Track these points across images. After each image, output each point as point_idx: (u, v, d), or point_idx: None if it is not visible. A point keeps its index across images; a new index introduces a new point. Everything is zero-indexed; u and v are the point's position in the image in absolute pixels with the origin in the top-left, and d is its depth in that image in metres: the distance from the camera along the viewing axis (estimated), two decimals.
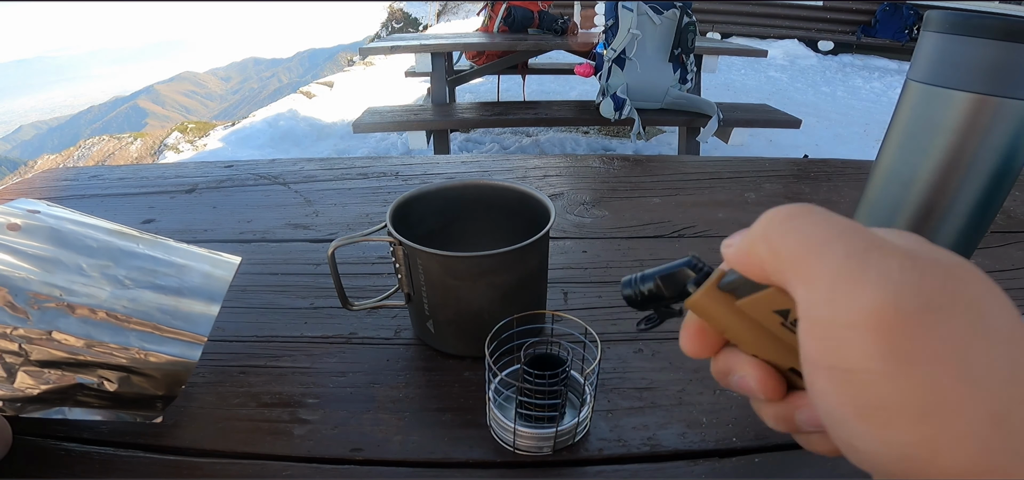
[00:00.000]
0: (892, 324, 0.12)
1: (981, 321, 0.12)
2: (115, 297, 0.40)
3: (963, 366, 0.12)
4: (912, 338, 0.12)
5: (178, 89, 60.90)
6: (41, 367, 0.37)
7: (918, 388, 0.12)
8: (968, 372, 0.12)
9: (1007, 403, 0.12)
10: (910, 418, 0.12)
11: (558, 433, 0.37)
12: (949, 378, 0.12)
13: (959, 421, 0.12)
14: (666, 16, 2.41)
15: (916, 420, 0.12)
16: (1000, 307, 0.13)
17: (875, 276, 0.13)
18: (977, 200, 0.41)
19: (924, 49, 0.41)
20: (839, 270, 0.13)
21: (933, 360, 0.12)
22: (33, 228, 0.42)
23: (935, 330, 0.12)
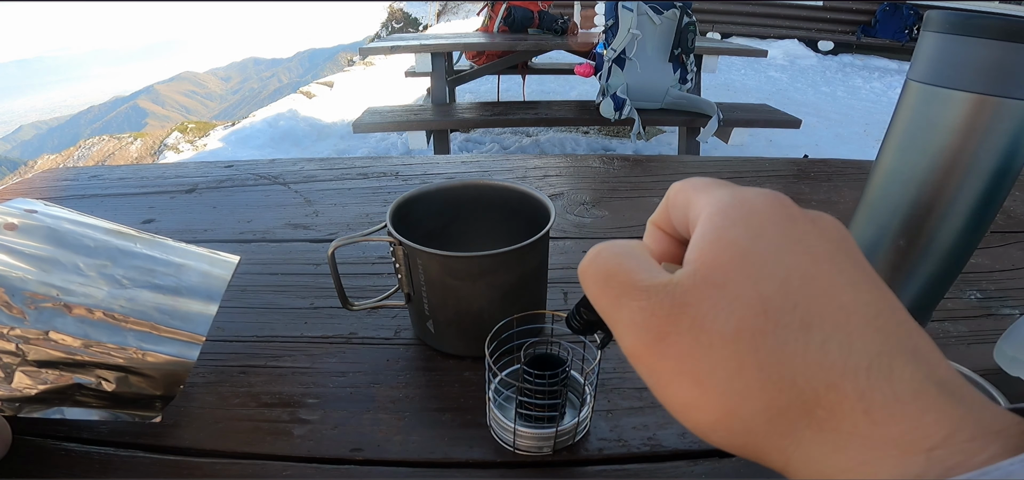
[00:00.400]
0: (640, 357, 0.16)
1: (703, 334, 0.15)
2: (113, 297, 0.40)
3: (691, 375, 0.15)
4: (654, 361, 0.16)
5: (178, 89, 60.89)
6: (39, 367, 0.37)
7: (672, 396, 0.16)
8: (696, 380, 0.15)
9: (733, 397, 0.15)
10: (679, 414, 0.16)
11: (558, 433, 0.37)
12: (680, 383, 0.15)
13: (701, 416, 0.15)
14: (666, 16, 2.41)
15: (682, 416, 0.16)
16: (726, 315, 0.15)
17: (625, 321, 0.17)
18: (977, 200, 0.41)
19: (924, 49, 0.41)
20: (610, 321, 0.17)
21: (668, 373, 0.16)
22: (30, 228, 0.42)
23: (666, 353, 0.16)
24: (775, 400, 0.14)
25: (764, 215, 0.16)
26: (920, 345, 0.15)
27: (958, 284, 0.56)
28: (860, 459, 0.13)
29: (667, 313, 0.16)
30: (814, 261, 0.16)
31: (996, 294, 0.57)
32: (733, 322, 0.15)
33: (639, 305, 0.16)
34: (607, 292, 0.17)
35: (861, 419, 0.13)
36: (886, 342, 0.14)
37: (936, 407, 0.13)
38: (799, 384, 0.14)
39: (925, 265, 0.45)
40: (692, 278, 0.16)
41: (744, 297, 0.15)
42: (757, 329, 0.15)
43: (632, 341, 0.16)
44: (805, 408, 0.14)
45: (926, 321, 0.50)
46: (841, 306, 0.15)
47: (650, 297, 0.16)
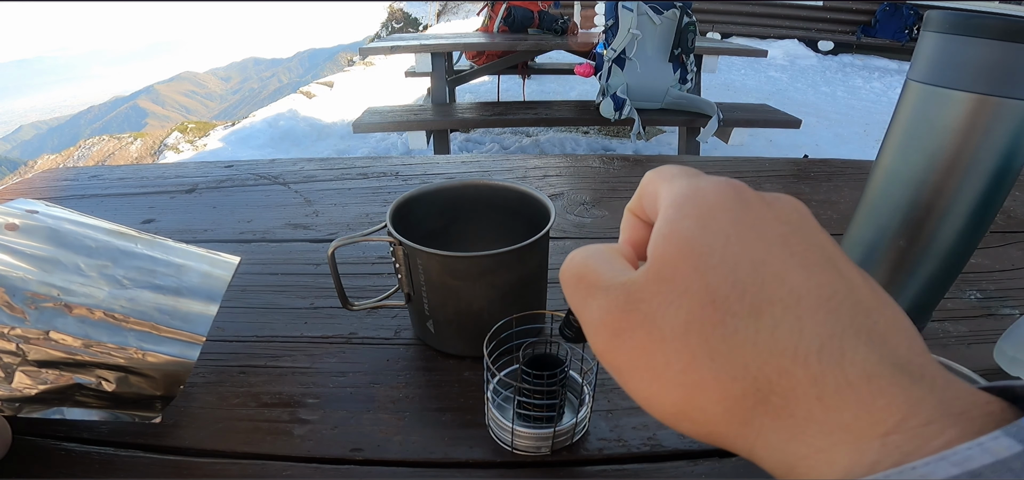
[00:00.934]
0: (602, 353, 0.17)
1: (655, 329, 0.15)
2: (113, 297, 0.40)
3: (648, 370, 0.16)
4: (613, 357, 0.16)
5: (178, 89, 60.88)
6: (39, 367, 0.37)
7: (634, 390, 0.16)
8: (653, 374, 0.15)
9: (688, 390, 0.15)
10: (642, 404, 0.17)
11: (556, 433, 0.37)
12: (640, 377, 0.16)
13: (661, 407, 0.16)
14: (666, 16, 2.40)
15: (646, 406, 0.16)
16: (676, 308, 0.15)
17: (587, 320, 0.17)
18: (977, 200, 0.41)
19: (924, 49, 0.41)
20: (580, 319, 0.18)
21: (628, 368, 0.16)
22: (31, 228, 0.42)
23: (623, 350, 0.16)
24: (729, 389, 0.14)
25: (715, 204, 0.16)
26: (878, 324, 0.14)
27: (958, 284, 0.56)
28: (817, 446, 0.13)
29: (622, 310, 0.16)
30: (766, 246, 0.15)
31: (996, 294, 0.57)
32: (682, 315, 0.15)
33: (598, 303, 0.17)
34: (577, 293, 0.18)
35: (815, 405, 0.13)
36: (838, 323, 0.14)
37: (890, 390, 0.13)
38: (751, 372, 0.14)
39: (925, 265, 0.45)
40: (646, 275, 0.16)
41: (692, 289, 0.15)
42: (706, 320, 0.15)
43: (594, 338, 0.17)
44: (760, 396, 0.14)
45: (926, 321, 0.50)
46: (791, 290, 0.14)
47: (609, 295, 0.17)
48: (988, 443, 0.11)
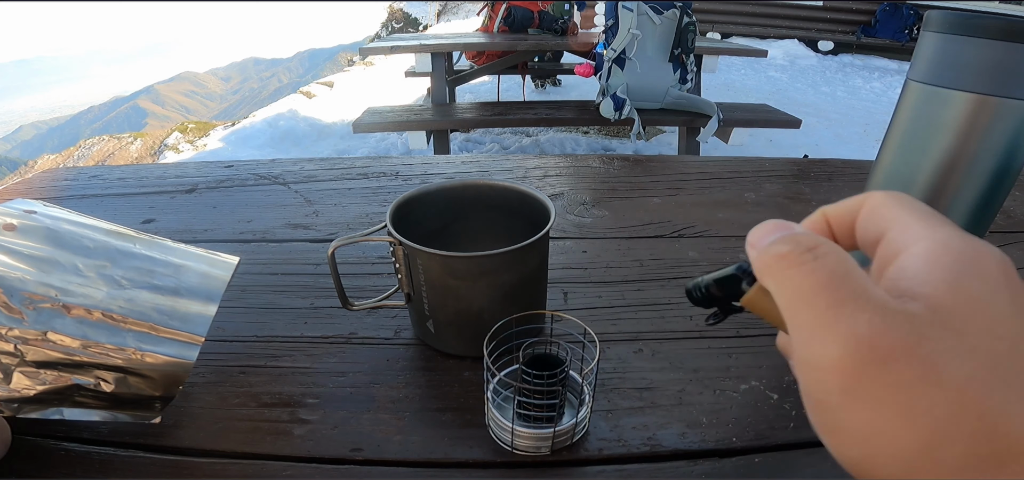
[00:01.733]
0: (849, 372, 0.15)
1: (933, 372, 0.15)
2: (111, 297, 0.40)
3: (904, 406, 0.15)
4: (864, 383, 0.15)
5: (178, 89, 60.88)
6: (37, 368, 0.37)
7: (864, 421, 0.16)
8: (908, 412, 0.15)
9: (939, 437, 0.15)
10: (857, 440, 0.16)
11: (556, 433, 0.37)
12: (891, 414, 0.15)
13: (892, 446, 0.15)
14: (666, 16, 2.41)
15: (861, 442, 0.16)
16: (961, 361, 0.15)
17: (844, 331, 0.16)
18: (977, 200, 0.41)
19: (924, 49, 0.41)
20: (816, 323, 0.16)
21: (879, 401, 0.15)
22: (29, 228, 0.42)
23: (885, 378, 0.15)
24: (980, 448, 0.15)
25: (998, 275, 0.16)
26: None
27: None
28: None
29: (902, 338, 0.15)
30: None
31: None
32: (966, 369, 0.15)
33: (869, 319, 0.15)
34: (829, 294, 0.16)
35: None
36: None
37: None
38: (1012, 438, 0.14)
39: None
40: (931, 314, 0.16)
41: (981, 349, 0.15)
42: (986, 381, 0.15)
43: (844, 354, 0.16)
44: (1001, 460, 0.14)
45: None
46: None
47: (885, 317, 0.15)
48: None
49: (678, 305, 0.54)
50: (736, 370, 0.46)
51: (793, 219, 0.21)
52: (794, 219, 0.21)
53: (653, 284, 0.57)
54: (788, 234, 0.18)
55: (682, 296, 0.55)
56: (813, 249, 0.17)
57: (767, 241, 0.19)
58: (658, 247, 0.65)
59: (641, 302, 0.54)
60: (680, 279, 0.58)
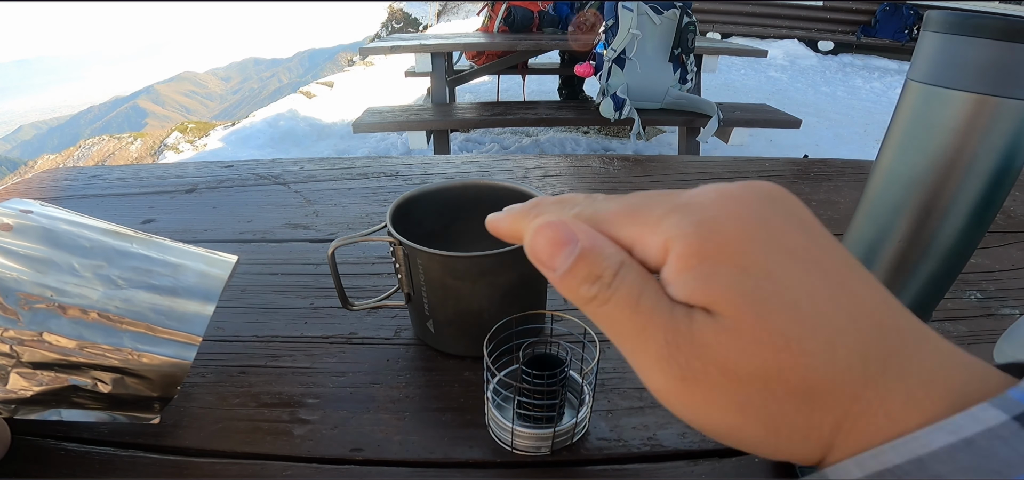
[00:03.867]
0: (665, 392, 0.17)
1: (732, 374, 0.16)
2: (108, 297, 0.40)
3: (727, 404, 0.16)
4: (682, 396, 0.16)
5: (178, 89, 60.89)
6: (34, 369, 0.37)
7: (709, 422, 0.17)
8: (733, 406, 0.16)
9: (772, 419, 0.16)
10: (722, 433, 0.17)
11: (556, 433, 0.37)
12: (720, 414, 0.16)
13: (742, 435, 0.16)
14: (666, 16, 2.40)
15: (724, 435, 0.17)
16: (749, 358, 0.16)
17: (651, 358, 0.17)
18: (977, 200, 0.41)
19: (924, 49, 0.41)
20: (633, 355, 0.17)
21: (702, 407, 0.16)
22: (25, 228, 0.42)
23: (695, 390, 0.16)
24: (810, 419, 0.15)
25: (743, 235, 0.16)
26: (910, 324, 0.16)
27: (958, 284, 0.56)
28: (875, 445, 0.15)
29: (692, 355, 0.16)
30: (807, 272, 0.16)
31: (996, 294, 0.57)
32: (758, 362, 0.15)
33: (664, 340, 0.16)
34: (630, 325, 0.17)
35: (883, 420, 0.15)
36: (888, 339, 0.15)
37: (945, 392, 0.14)
38: (829, 403, 0.15)
39: (925, 265, 0.45)
40: (711, 324, 0.16)
41: (763, 339, 0.15)
42: (781, 366, 0.15)
43: (653, 374, 0.17)
44: (838, 425, 0.15)
45: (926, 321, 0.50)
46: (848, 315, 0.15)
47: (678, 335, 0.16)
48: (978, 413, 0.13)
49: None
50: None
51: None
52: None
53: None
54: (580, 261, 0.17)
55: None
56: (610, 283, 0.17)
57: (561, 270, 0.18)
58: None
59: None
60: None
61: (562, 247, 0.18)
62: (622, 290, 0.17)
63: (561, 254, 0.18)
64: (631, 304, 0.17)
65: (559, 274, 0.18)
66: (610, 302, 0.17)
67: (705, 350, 0.16)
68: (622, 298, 0.17)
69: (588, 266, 0.17)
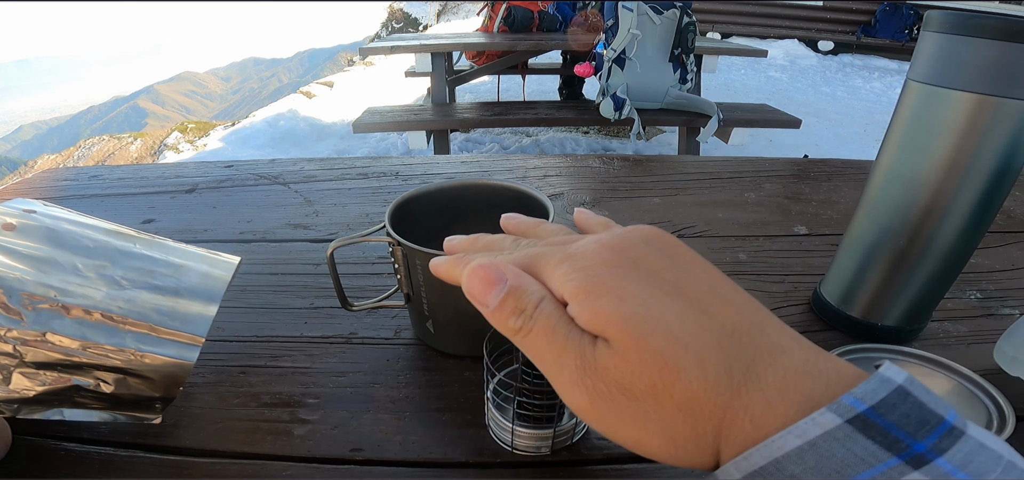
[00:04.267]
0: (582, 409, 0.19)
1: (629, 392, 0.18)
2: (111, 298, 0.40)
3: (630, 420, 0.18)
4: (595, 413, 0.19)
5: (178, 89, 60.89)
6: (37, 369, 0.37)
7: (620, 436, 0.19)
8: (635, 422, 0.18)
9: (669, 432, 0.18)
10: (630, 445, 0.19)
11: (556, 433, 0.37)
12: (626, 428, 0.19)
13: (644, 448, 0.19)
14: (666, 16, 2.40)
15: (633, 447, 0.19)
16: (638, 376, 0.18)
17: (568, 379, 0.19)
18: (977, 200, 0.41)
19: (924, 49, 0.41)
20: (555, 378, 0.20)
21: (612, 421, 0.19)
22: (29, 228, 0.42)
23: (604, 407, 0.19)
24: (696, 429, 0.17)
25: (615, 271, 0.19)
26: (769, 336, 0.18)
27: (958, 284, 0.56)
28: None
29: (597, 378, 0.18)
30: (674, 300, 0.19)
31: (996, 294, 0.57)
32: (646, 380, 0.17)
33: (577, 365, 0.19)
34: (550, 352, 0.19)
35: (749, 427, 0.16)
36: (747, 352, 0.17)
37: (796, 394, 0.16)
38: (707, 413, 0.17)
39: (925, 265, 0.45)
40: (607, 351, 0.18)
41: (646, 359, 0.18)
42: (664, 382, 0.17)
43: (571, 393, 0.19)
44: (717, 432, 0.17)
45: (926, 321, 0.50)
46: (715, 337, 0.18)
47: (582, 361, 0.19)
48: (817, 417, 0.15)
49: None
50: None
51: (794, 219, 0.21)
52: (794, 220, 0.21)
53: None
54: (508, 296, 0.21)
55: None
56: (532, 315, 0.20)
57: (492, 304, 0.21)
58: None
59: None
60: None
61: (492, 286, 0.21)
62: (540, 321, 0.20)
63: (492, 291, 0.21)
64: (548, 334, 0.19)
65: (491, 309, 0.21)
66: (532, 332, 0.20)
67: (605, 373, 0.18)
68: (541, 328, 0.20)
69: (514, 300, 0.20)
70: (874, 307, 0.48)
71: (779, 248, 0.64)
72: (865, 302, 0.49)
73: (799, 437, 0.15)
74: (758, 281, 0.58)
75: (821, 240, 0.66)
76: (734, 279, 0.20)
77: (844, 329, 0.50)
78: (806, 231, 0.68)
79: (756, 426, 0.16)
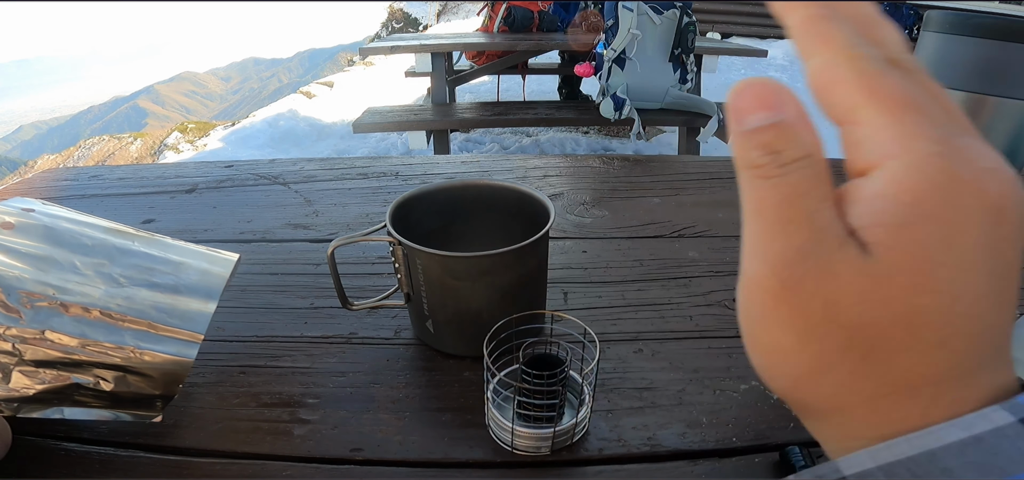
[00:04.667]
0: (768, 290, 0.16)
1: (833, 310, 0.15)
2: (110, 295, 0.40)
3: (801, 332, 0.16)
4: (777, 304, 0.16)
5: (178, 89, 60.92)
6: (36, 367, 0.37)
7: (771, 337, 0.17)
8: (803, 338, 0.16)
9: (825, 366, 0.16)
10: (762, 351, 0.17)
11: (556, 433, 0.37)
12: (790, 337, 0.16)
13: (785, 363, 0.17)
14: (666, 16, 2.41)
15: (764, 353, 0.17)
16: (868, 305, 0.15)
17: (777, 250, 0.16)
18: None
19: (924, 49, 0.41)
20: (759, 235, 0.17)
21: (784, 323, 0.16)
22: (27, 226, 0.42)
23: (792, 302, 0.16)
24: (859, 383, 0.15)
25: (972, 221, 0.15)
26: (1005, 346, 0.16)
27: None
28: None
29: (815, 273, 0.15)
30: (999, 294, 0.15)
31: None
32: (880, 316, 0.15)
33: (799, 246, 0.15)
34: (780, 211, 0.16)
35: (918, 419, 0.15)
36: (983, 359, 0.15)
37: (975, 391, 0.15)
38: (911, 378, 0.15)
39: None
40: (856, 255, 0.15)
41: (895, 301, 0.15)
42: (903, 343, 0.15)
43: (769, 273, 0.16)
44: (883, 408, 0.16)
45: None
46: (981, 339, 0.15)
47: (815, 247, 0.15)
48: (989, 414, 0.14)
49: (678, 305, 0.54)
50: (736, 370, 0.46)
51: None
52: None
53: (653, 284, 0.57)
54: (771, 130, 0.16)
55: (682, 296, 0.55)
56: (786, 165, 0.16)
57: (748, 124, 0.16)
58: (658, 247, 0.65)
59: (641, 302, 0.54)
60: (680, 279, 0.58)
61: (764, 108, 0.16)
62: (791, 177, 0.16)
63: (756, 115, 0.16)
64: (789, 196, 0.16)
65: (743, 129, 0.16)
66: (769, 180, 0.16)
67: (831, 279, 0.15)
68: (784, 184, 0.16)
69: (774, 137, 0.16)
70: None
71: None
72: None
73: (965, 430, 0.14)
74: None
75: None
76: (734, 279, 0.18)
77: None
78: None
79: (922, 414, 0.15)
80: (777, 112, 0.16)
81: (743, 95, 0.16)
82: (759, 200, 0.16)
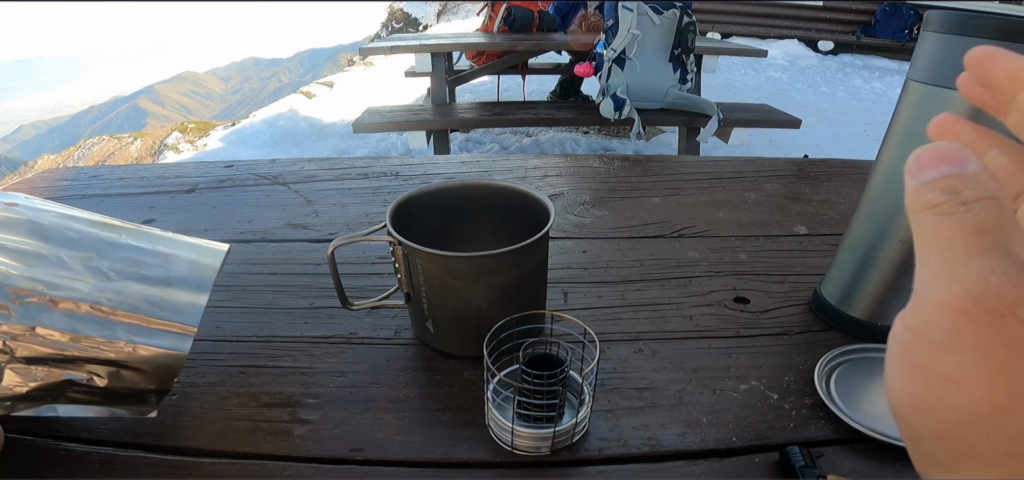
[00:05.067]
0: (962, 313, 0.14)
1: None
2: (99, 290, 0.39)
3: (998, 363, 0.14)
4: (972, 329, 0.14)
5: (178, 89, 60.91)
6: (28, 364, 0.37)
7: (953, 364, 0.15)
8: (1000, 369, 0.14)
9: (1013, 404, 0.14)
10: (935, 381, 0.15)
11: (556, 433, 0.37)
12: (981, 366, 0.14)
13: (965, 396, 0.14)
14: (666, 16, 2.41)
15: (937, 384, 0.15)
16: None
17: (974, 273, 0.14)
18: None
19: (924, 49, 0.41)
20: (945, 261, 0.15)
21: (977, 350, 0.14)
22: (11, 221, 0.41)
23: (994, 330, 0.14)
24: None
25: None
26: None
27: None
28: None
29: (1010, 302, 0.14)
30: None
31: None
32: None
33: (1003, 271, 0.14)
34: (966, 242, 0.15)
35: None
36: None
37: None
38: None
39: None
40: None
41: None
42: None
43: (965, 295, 0.15)
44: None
45: None
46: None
47: (1020, 275, 0.14)
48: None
49: (678, 305, 0.54)
50: (736, 370, 0.46)
51: (794, 219, 0.20)
52: (794, 220, 0.20)
53: (653, 284, 0.57)
54: (951, 176, 0.16)
55: (682, 296, 0.55)
56: (968, 203, 0.15)
57: (925, 177, 0.16)
58: (658, 247, 0.65)
59: (641, 302, 0.54)
60: (680, 279, 0.58)
61: (946, 164, 0.16)
62: (977, 215, 0.15)
63: (938, 167, 0.16)
64: (975, 227, 0.15)
65: (921, 181, 0.16)
66: (954, 215, 0.15)
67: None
68: (971, 219, 0.15)
69: (954, 181, 0.15)
70: (874, 307, 0.48)
71: (779, 248, 0.64)
72: (865, 302, 0.49)
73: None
74: (758, 281, 0.58)
75: (821, 240, 0.66)
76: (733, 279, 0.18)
77: (844, 329, 0.50)
78: (806, 231, 0.68)
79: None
80: (959, 166, 0.16)
81: (925, 153, 0.16)
82: (938, 233, 0.15)
